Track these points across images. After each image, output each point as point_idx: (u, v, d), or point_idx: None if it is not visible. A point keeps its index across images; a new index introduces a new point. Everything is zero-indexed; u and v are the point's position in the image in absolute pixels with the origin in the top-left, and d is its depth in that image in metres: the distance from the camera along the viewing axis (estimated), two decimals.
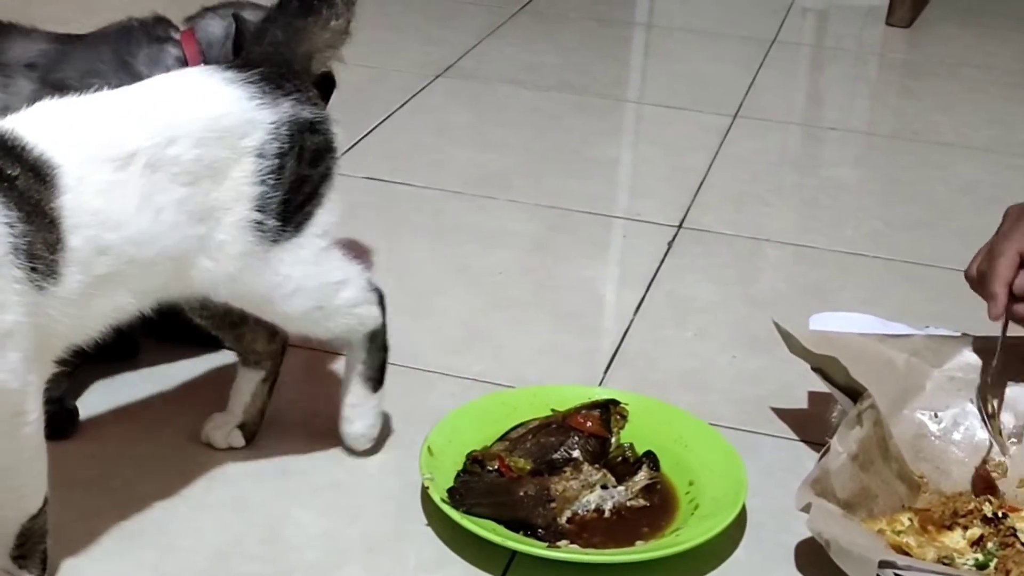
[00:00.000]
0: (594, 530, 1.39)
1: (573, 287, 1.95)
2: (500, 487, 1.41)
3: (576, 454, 1.46)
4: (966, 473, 1.48)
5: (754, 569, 1.38)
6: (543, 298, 1.91)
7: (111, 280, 1.22)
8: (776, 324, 1.54)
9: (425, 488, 1.39)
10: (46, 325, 1.18)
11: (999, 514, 1.39)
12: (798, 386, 1.66)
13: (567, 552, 1.34)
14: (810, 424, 1.62)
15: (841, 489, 1.35)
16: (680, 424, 1.52)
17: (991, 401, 1.50)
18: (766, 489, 1.47)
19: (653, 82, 2.96)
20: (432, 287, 1.91)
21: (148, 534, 1.36)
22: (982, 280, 1.47)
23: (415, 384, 1.66)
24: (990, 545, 1.36)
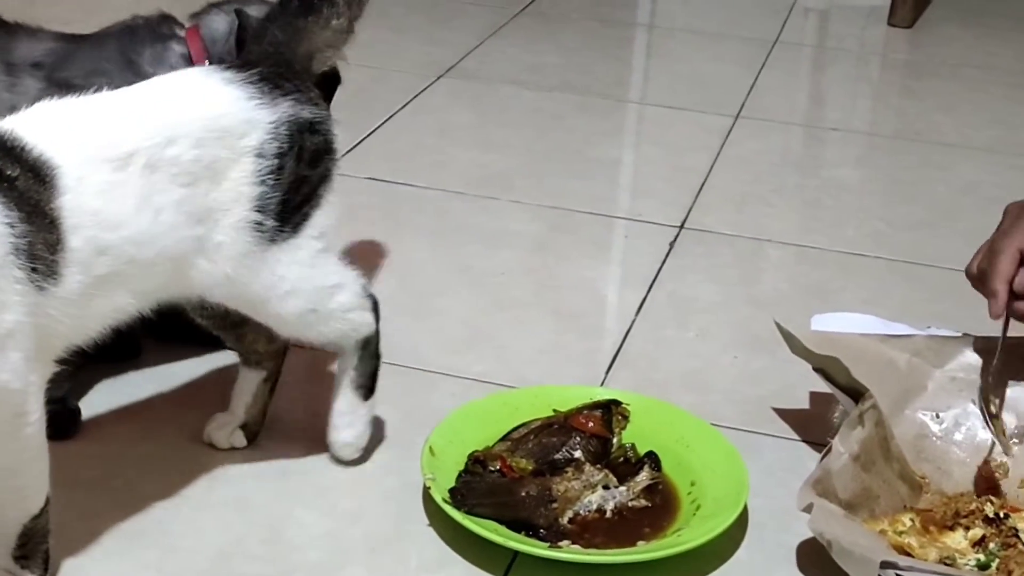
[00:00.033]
0: (596, 530, 1.39)
1: (575, 287, 1.95)
2: (502, 487, 1.41)
3: (578, 454, 1.46)
4: (968, 473, 1.48)
5: (755, 569, 1.38)
6: (545, 298, 1.91)
7: (111, 280, 1.22)
8: (778, 324, 1.54)
9: (427, 488, 1.39)
10: (47, 325, 1.18)
11: (1001, 514, 1.39)
12: (800, 386, 1.66)
13: (569, 552, 1.34)
14: (812, 424, 1.62)
15: (843, 489, 1.35)
16: (682, 424, 1.52)
17: (993, 400, 1.50)
18: (767, 489, 1.47)
19: (655, 83, 2.96)
20: (434, 287, 1.91)
21: (150, 534, 1.36)
22: (983, 278, 1.47)
23: (417, 384, 1.66)
24: (992, 546, 1.36)
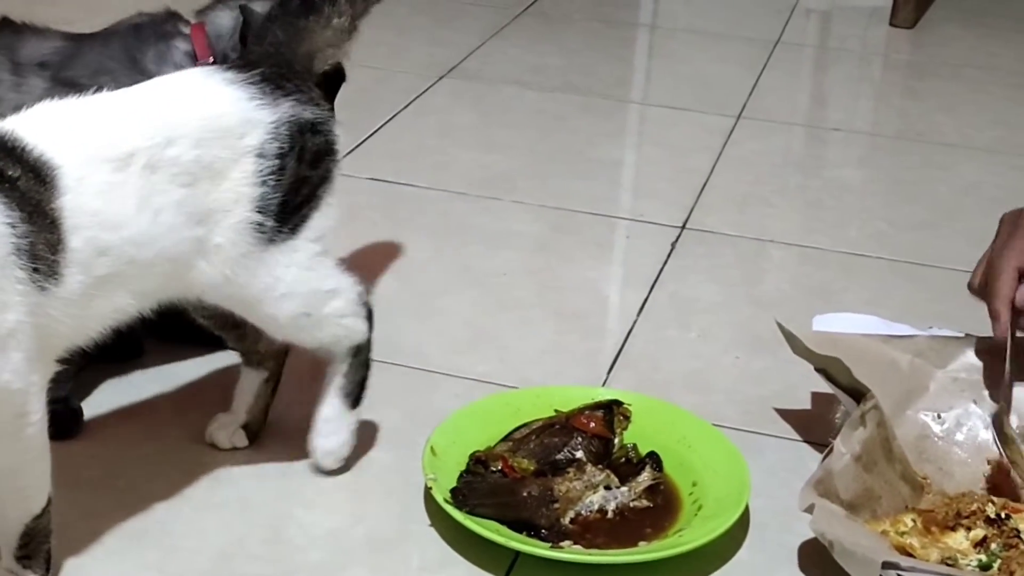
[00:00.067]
0: (597, 531, 1.39)
1: (577, 288, 1.95)
2: (503, 488, 1.41)
3: (579, 455, 1.45)
4: (969, 474, 1.48)
5: (757, 570, 1.38)
6: (547, 299, 1.91)
7: (111, 281, 1.22)
8: (779, 325, 1.54)
9: (428, 488, 1.39)
10: (47, 326, 1.17)
11: (1002, 515, 1.39)
12: (801, 387, 1.66)
13: (570, 553, 1.34)
14: (813, 425, 1.62)
15: (844, 490, 1.35)
16: (683, 425, 1.52)
17: (1006, 423, 1.49)
18: (769, 490, 1.47)
19: (657, 83, 2.96)
20: (436, 288, 1.91)
21: (152, 534, 1.37)
22: (984, 296, 1.47)
23: (419, 384, 1.66)
24: (993, 546, 1.36)
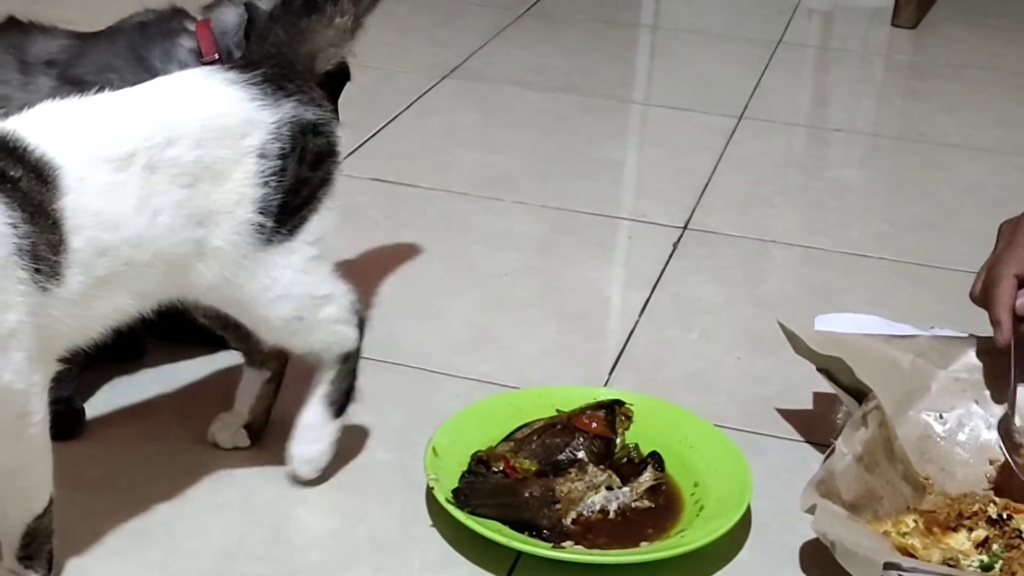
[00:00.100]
0: (599, 531, 1.39)
1: (578, 288, 1.95)
2: (505, 488, 1.41)
3: (581, 455, 1.45)
4: (971, 474, 1.48)
5: (759, 570, 1.38)
6: (548, 299, 1.91)
7: (110, 281, 1.22)
8: (781, 325, 1.54)
9: (430, 489, 1.39)
10: (49, 326, 1.17)
11: (1004, 515, 1.39)
12: (803, 387, 1.66)
13: (572, 553, 1.34)
14: (815, 425, 1.62)
15: (846, 490, 1.35)
16: (685, 425, 1.52)
17: (1016, 430, 1.48)
18: (771, 490, 1.47)
19: (659, 83, 2.96)
20: (438, 288, 1.91)
21: (154, 534, 1.37)
22: (984, 302, 1.48)
23: (421, 384, 1.66)
24: (995, 547, 1.36)
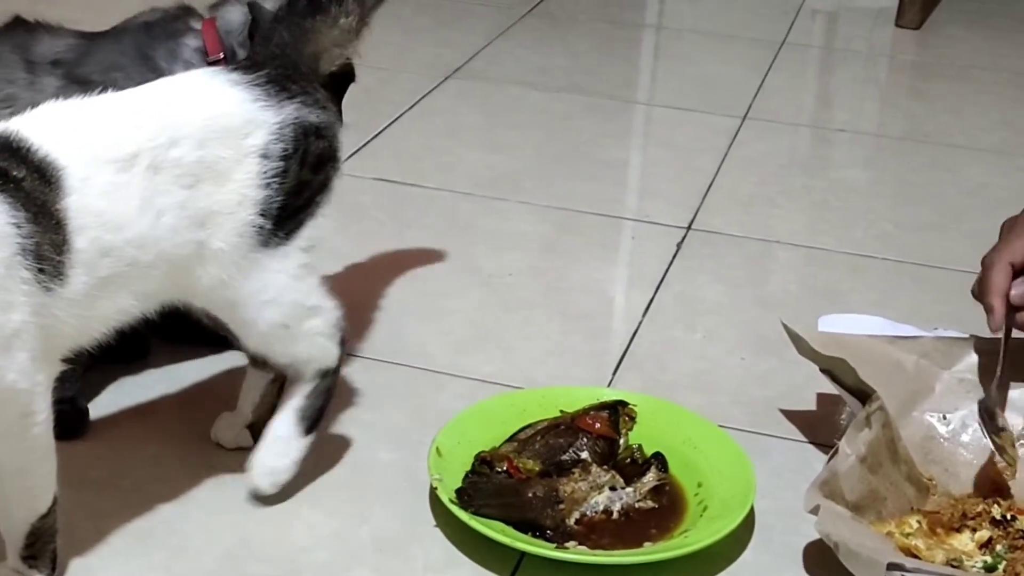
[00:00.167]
0: (602, 531, 1.39)
1: (582, 288, 1.95)
2: (509, 488, 1.41)
3: (585, 455, 1.46)
4: (975, 475, 1.48)
5: (762, 571, 1.38)
6: (552, 299, 1.91)
7: (113, 282, 1.22)
8: (785, 326, 1.54)
9: (434, 489, 1.39)
10: (52, 326, 1.18)
11: (1008, 516, 1.39)
12: (807, 388, 1.66)
13: (575, 553, 1.34)
14: (819, 426, 1.62)
15: (850, 491, 1.35)
16: (689, 425, 1.52)
17: (998, 413, 1.48)
18: (774, 491, 1.47)
19: (663, 84, 2.96)
20: (441, 288, 1.91)
21: (158, 534, 1.37)
22: (978, 291, 1.47)
23: (424, 385, 1.66)
24: (999, 547, 1.36)
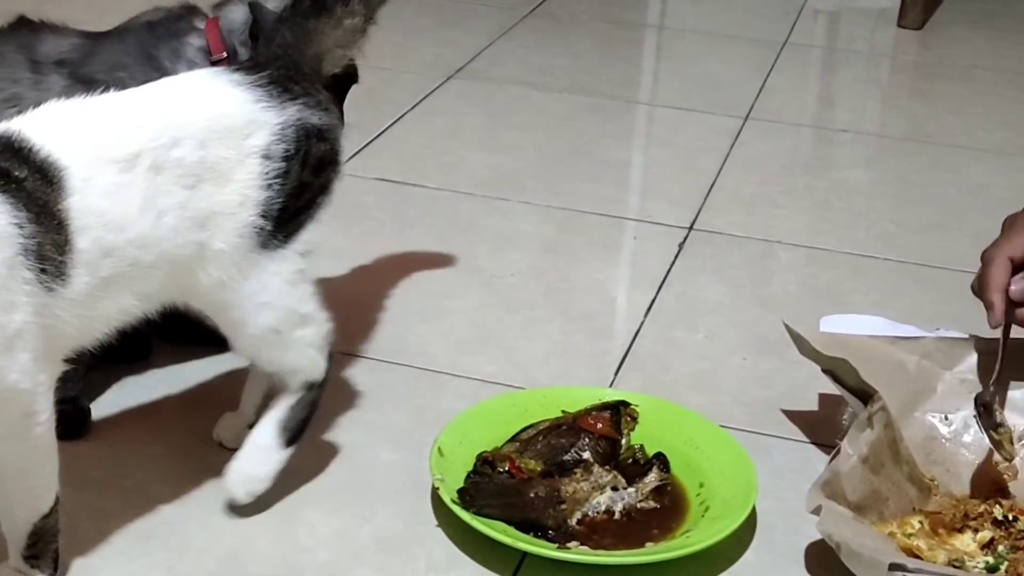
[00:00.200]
0: (604, 532, 1.39)
1: (584, 289, 1.95)
2: (510, 488, 1.42)
3: (586, 455, 1.46)
4: (973, 474, 1.48)
5: (764, 571, 1.38)
6: (554, 299, 1.91)
7: (115, 282, 1.21)
8: (786, 326, 1.54)
9: (436, 489, 1.39)
10: (54, 326, 1.17)
11: (1010, 517, 1.39)
12: (809, 388, 1.66)
13: (577, 553, 1.34)
14: (820, 426, 1.62)
15: (851, 492, 1.35)
16: (690, 426, 1.52)
17: (997, 410, 1.48)
18: (776, 491, 1.47)
19: (664, 84, 2.96)
20: (443, 288, 1.91)
21: (160, 534, 1.37)
22: (978, 287, 1.47)
23: (426, 385, 1.66)
24: (1001, 548, 1.36)
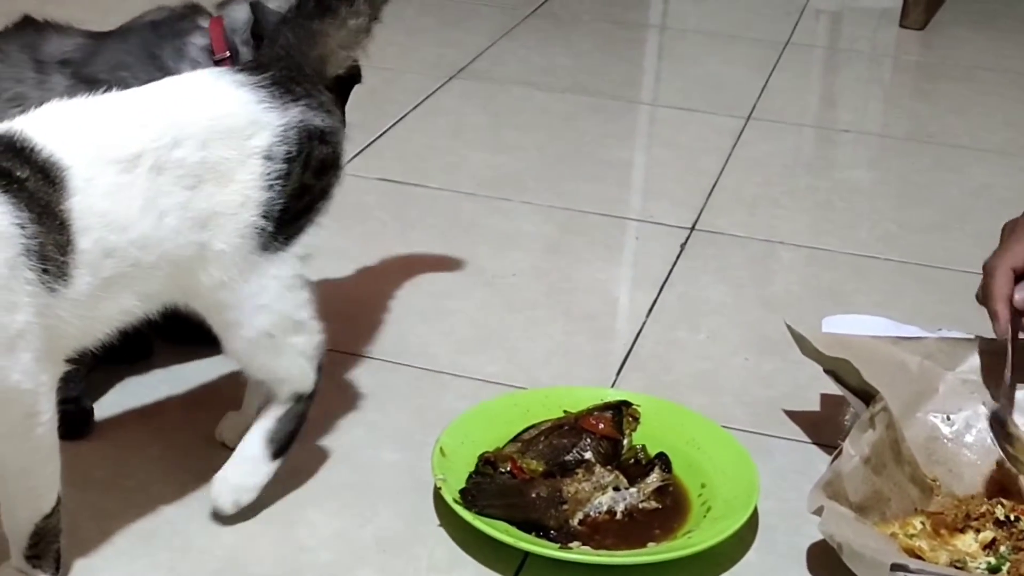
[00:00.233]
0: (606, 532, 1.39)
1: (586, 289, 1.95)
2: (512, 488, 1.42)
3: (588, 456, 1.46)
4: (978, 476, 1.48)
5: (766, 572, 1.38)
6: (556, 299, 1.91)
7: (117, 283, 1.21)
8: (788, 326, 1.54)
9: (437, 489, 1.39)
10: (56, 327, 1.17)
11: (1012, 517, 1.39)
12: (811, 388, 1.66)
13: (579, 554, 1.34)
14: (822, 427, 1.62)
15: (853, 492, 1.35)
16: (692, 426, 1.52)
17: (1010, 422, 1.47)
18: (778, 492, 1.47)
19: (666, 84, 2.96)
20: (445, 288, 1.92)
21: (162, 534, 1.37)
22: (982, 297, 1.47)
23: (428, 385, 1.67)
24: (1003, 548, 1.36)
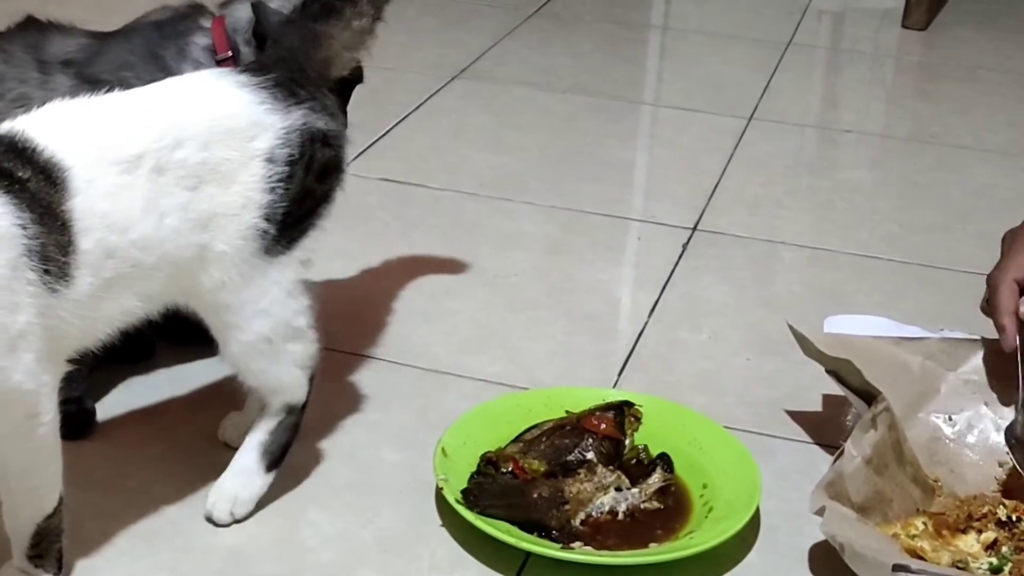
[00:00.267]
0: (608, 532, 1.39)
1: (588, 289, 1.95)
2: (514, 489, 1.42)
3: (590, 456, 1.46)
4: (981, 476, 1.48)
5: (767, 572, 1.38)
6: (558, 300, 1.91)
7: (118, 283, 1.21)
8: (790, 327, 1.54)
9: (440, 489, 1.40)
10: (57, 327, 1.17)
11: (1013, 518, 1.39)
12: (812, 389, 1.66)
13: (581, 554, 1.34)
14: (824, 427, 1.62)
15: (855, 493, 1.35)
16: (694, 426, 1.52)
17: None
18: (780, 492, 1.47)
19: (668, 85, 2.96)
20: (447, 288, 1.92)
21: (164, 534, 1.37)
22: (988, 309, 1.48)
23: (430, 385, 1.67)
24: (1004, 549, 1.36)
